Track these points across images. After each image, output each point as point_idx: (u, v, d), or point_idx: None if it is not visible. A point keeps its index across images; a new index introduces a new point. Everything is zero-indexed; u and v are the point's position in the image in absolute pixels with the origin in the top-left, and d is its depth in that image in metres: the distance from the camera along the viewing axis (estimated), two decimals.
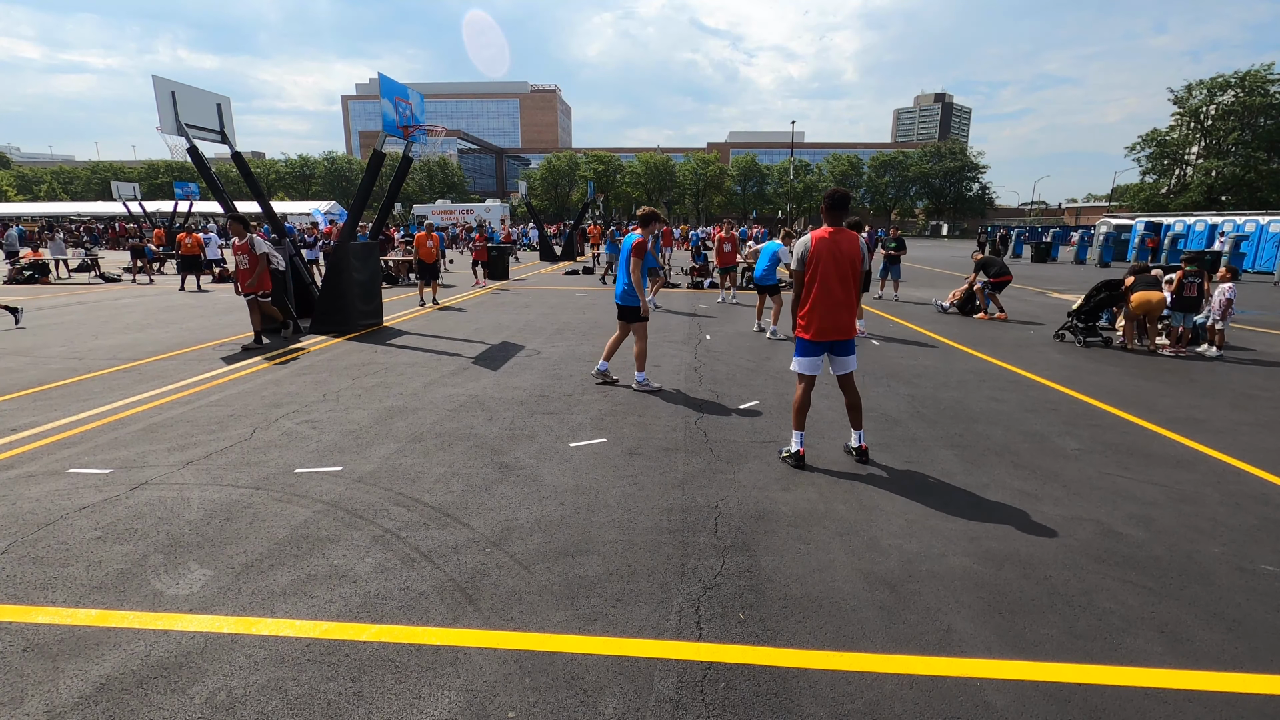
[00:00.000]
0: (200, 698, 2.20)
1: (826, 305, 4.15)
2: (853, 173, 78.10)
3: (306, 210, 50.19)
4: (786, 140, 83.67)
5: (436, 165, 79.57)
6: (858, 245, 4.18)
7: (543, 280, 18.40)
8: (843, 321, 4.20)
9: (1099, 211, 70.94)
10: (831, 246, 4.11)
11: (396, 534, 3.36)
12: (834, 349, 4.30)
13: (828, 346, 4.27)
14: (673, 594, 2.85)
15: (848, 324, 4.23)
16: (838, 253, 4.11)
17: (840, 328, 4.21)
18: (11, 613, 2.67)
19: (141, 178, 66.16)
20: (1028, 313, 12.31)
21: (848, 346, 4.30)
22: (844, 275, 4.13)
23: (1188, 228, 26.80)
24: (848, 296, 4.17)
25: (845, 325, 4.22)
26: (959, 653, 2.48)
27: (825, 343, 4.24)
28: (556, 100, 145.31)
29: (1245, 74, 44.71)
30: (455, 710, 2.16)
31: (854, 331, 4.29)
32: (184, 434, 4.93)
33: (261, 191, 10.44)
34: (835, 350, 4.30)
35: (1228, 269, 8.63)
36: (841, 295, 4.15)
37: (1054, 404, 6.00)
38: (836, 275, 4.11)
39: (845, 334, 4.24)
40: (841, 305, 4.17)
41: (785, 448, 4.51)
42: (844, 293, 4.16)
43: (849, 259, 4.13)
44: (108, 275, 18.38)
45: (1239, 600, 2.85)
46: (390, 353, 8.10)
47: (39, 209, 55.12)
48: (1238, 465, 4.50)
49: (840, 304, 4.16)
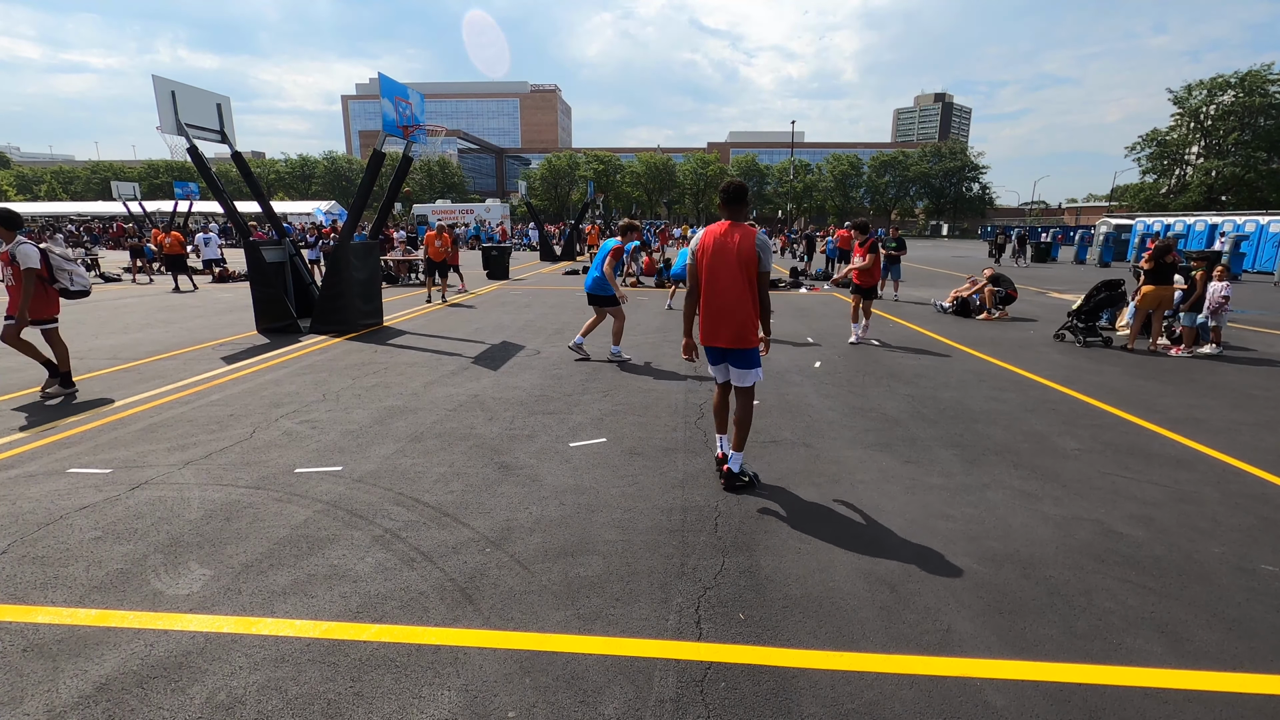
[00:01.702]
0: (200, 698, 2.20)
1: (711, 307, 3.74)
2: (853, 173, 78.15)
3: (308, 210, 50.21)
4: (786, 140, 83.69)
5: (436, 165, 79.55)
6: (752, 244, 3.63)
7: (543, 280, 18.40)
8: (731, 327, 3.69)
9: (1099, 211, 70.99)
10: (721, 243, 3.67)
11: (396, 534, 3.36)
12: (729, 358, 3.83)
13: (721, 352, 3.85)
14: (673, 594, 2.85)
15: (739, 331, 3.69)
16: (726, 250, 3.65)
17: (727, 334, 3.71)
18: (11, 613, 2.67)
19: (141, 178, 66.15)
20: (1028, 312, 12.31)
21: (743, 358, 3.77)
22: (734, 277, 3.64)
23: (1188, 228, 26.80)
24: (739, 299, 3.66)
25: (736, 332, 3.70)
26: (959, 653, 2.48)
27: (716, 348, 3.83)
28: (556, 100, 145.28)
29: (1245, 74, 44.74)
30: (455, 710, 2.16)
31: (750, 341, 3.72)
32: (184, 434, 4.93)
33: (261, 191, 10.44)
34: (730, 359, 3.83)
35: (1224, 268, 8.62)
36: (730, 298, 3.67)
37: (1054, 404, 6.00)
38: (725, 275, 3.66)
39: (736, 342, 3.71)
40: (728, 309, 3.68)
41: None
42: (734, 295, 3.66)
43: (740, 258, 3.63)
44: (107, 275, 18.39)
45: (1239, 600, 2.85)
46: (390, 352, 8.10)
47: (39, 209, 55.09)
48: (1238, 465, 4.50)
49: (726, 307, 3.68)
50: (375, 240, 10.58)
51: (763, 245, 3.67)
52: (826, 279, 18.40)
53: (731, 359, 3.82)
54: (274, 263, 9.87)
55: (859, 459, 4.51)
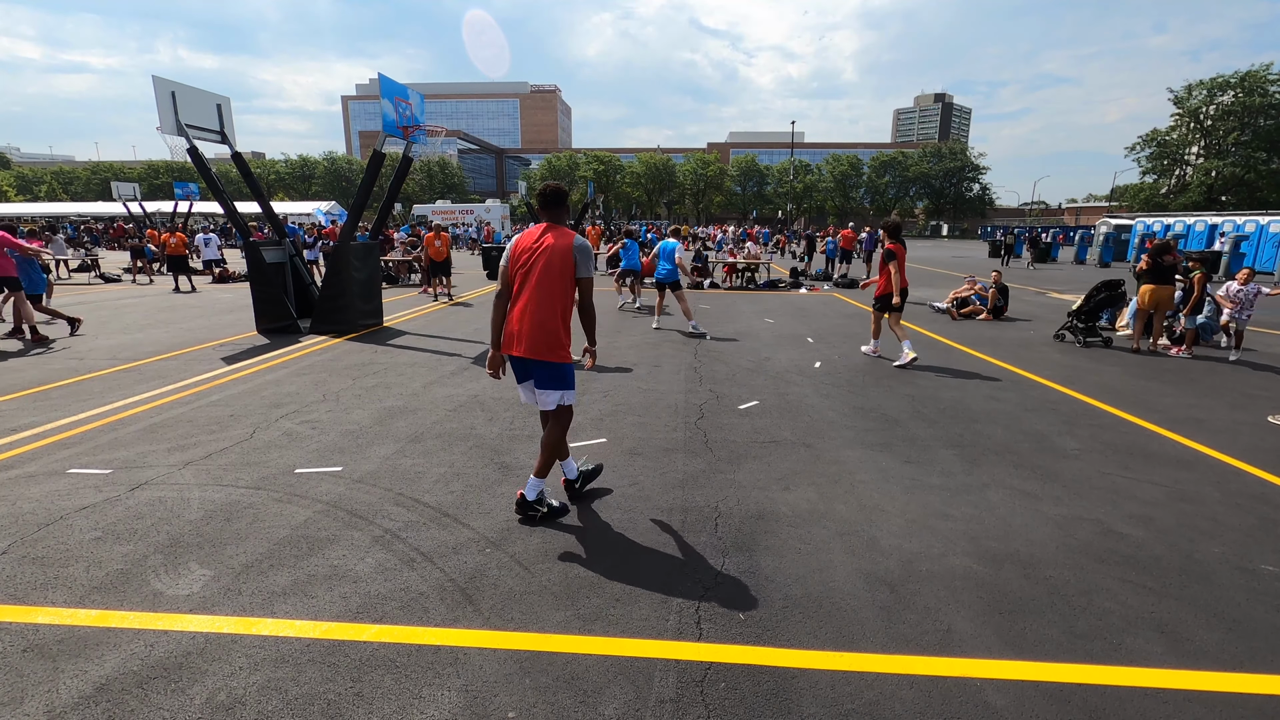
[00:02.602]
0: (200, 698, 2.20)
1: (515, 314, 3.37)
2: (853, 173, 78.21)
3: (308, 210, 50.17)
4: (786, 140, 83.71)
5: (436, 165, 79.61)
6: (569, 249, 3.30)
7: None
8: (533, 335, 3.30)
9: (1099, 211, 71.00)
10: (535, 247, 3.35)
11: (396, 534, 3.36)
12: (533, 374, 3.43)
13: (520, 364, 3.45)
14: (673, 594, 2.85)
15: (543, 340, 3.31)
16: (539, 255, 3.32)
17: (525, 343, 3.31)
18: (11, 613, 2.67)
19: (141, 178, 66.20)
20: (1028, 313, 12.31)
21: (544, 374, 3.39)
22: (545, 283, 3.30)
23: (1188, 228, 26.80)
24: (547, 307, 3.30)
25: (537, 340, 3.30)
26: (959, 653, 2.48)
27: (517, 359, 3.42)
28: (556, 100, 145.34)
29: (1245, 74, 44.73)
30: (455, 710, 2.16)
31: (555, 355, 3.35)
32: (184, 434, 4.93)
33: (261, 191, 10.44)
34: (534, 375, 3.43)
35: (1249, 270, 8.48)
36: (535, 304, 3.30)
37: (1054, 404, 6.00)
38: (535, 281, 3.31)
39: (534, 351, 3.31)
40: (532, 317, 3.30)
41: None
42: (541, 302, 3.30)
43: (555, 264, 3.30)
44: (108, 275, 18.38)
45: (1239, 600, 2.85)
46: (390, 353, 8.10)
47: (39, 209, 55.07)
48: (1238, 465, 4.50)
49: (531, 315, 3.30)
50: (375, 240, 10.59)
51: (580, 250, 3.32)
52: (827, 279, 18.41)
53: (536, 375, 3.42)
54: (274, 263, 9.87)
55: (859, 459, 4.51)
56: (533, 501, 3.50)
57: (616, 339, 9.07)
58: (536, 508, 3.50)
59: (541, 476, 3.52)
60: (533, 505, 3.50)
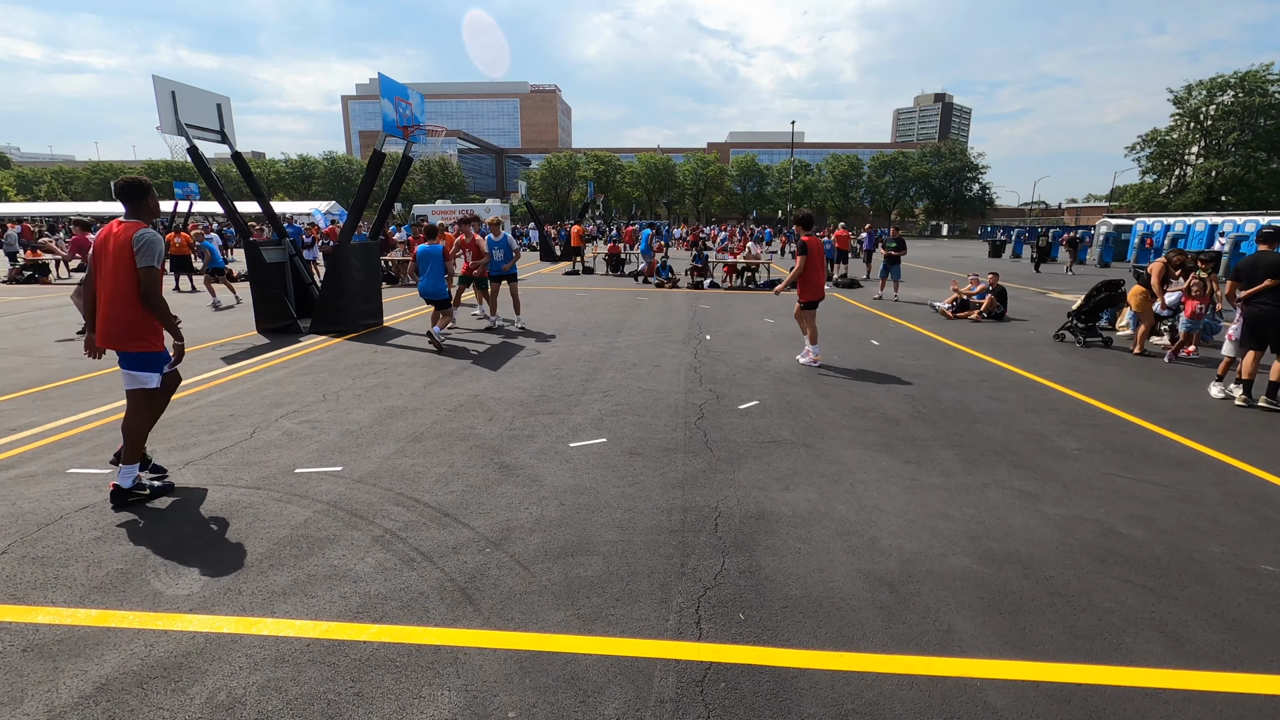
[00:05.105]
0: (200, 698, 2.20)
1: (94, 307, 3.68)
2: (853, 173, 78.16)
3: (307, 210, 50.17)
4: (786, 140, 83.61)
5: (436, 165, 79.56)
6: (128, 240, 3.51)
7: (543, 280, 18.38)
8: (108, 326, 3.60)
9: (1099, 211, 70.98)
10: (104, 240, 3.59)
11: (396, 534, 3.36)
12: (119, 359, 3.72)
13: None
14: (673, 594, 2.85)
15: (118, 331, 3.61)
16: (108, 248, 3.55)
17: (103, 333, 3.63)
18: (11, 613, 2.67)
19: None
20: (1028, 313, 12.31)
21: (124, 359, 3.68)
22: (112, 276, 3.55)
23: (1188, 228, 26.80)
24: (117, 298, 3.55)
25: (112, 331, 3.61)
26: (959, 653, 2.48)
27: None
28: (556, 100, 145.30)
29: (1244, 74, 44.72)
30: (455, 710, 2.16)
31: (129, 344, 3.63)
32: (184, 434, 4.93)
33: (261, 191, 10.44)
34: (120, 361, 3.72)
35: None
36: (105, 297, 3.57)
37: (1054, 404, 6.00)
38: (104, 274, 3.57)
39: (110, 342, 3.64)
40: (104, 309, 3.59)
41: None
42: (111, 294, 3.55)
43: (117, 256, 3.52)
44: None
45: (1239, 600, 2.85)
46: (390, 353, 8.10)
47: (39, 209, 55.07)
48: (1238, 465, 4.50)
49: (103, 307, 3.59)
50: (375, 241, 10.58)
51: (140, 241, 3.51)
52: (827, 279, 18.38)
53: (120, 358, 3.70)
54: (274, 263, 9.87)
55: (859, 459, 4.52)
56: (126, 489, 3.70)
57: (617, 339, 9.07)
58: (137, 492, 3.73)
59: (130, 464, 3.72)
60: (126, 493, 3.69)
